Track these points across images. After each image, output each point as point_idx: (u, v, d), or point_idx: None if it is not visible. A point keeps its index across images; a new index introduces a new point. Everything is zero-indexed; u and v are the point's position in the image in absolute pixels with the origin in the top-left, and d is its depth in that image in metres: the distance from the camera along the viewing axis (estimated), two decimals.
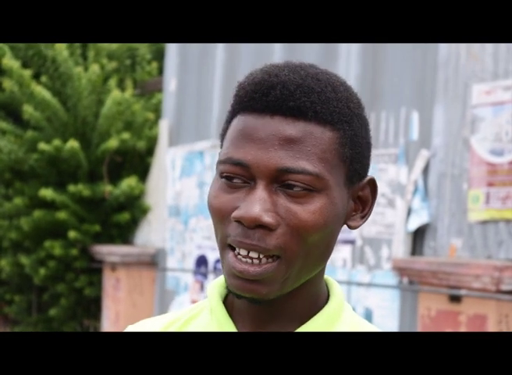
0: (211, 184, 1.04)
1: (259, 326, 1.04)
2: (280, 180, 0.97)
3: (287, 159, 0.96)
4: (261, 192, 0.97)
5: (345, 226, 1.05)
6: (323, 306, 1.06)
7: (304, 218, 0.97)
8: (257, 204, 0.96)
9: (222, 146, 1.05)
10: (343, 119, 1.00)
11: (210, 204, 1.01)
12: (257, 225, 0.96)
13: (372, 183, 1.05)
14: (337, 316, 1.06)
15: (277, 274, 0.97)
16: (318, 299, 1.06)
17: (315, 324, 1.04)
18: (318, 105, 0.98)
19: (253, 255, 0.97)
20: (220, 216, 0.99)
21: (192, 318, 1.12)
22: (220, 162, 1.00)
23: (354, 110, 1.02)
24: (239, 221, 0.97)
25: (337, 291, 1.08)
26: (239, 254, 0.98)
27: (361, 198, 1.05)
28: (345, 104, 1.00)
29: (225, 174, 0.99)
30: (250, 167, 0.97)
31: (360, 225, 1.05)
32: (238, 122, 1.01)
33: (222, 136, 1.05)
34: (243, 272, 0.97)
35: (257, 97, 0.99)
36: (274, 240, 0.96)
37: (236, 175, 0.99)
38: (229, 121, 1.04)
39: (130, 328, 1.16)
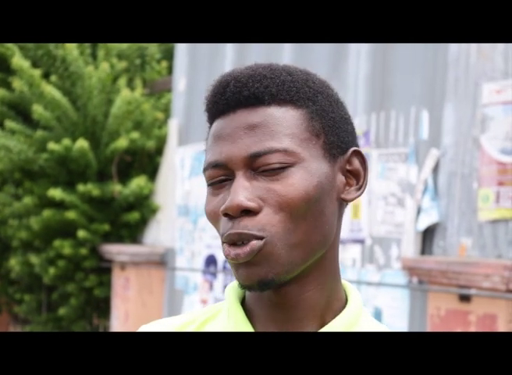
0: None
1: (276, 328, 1.05)
2: (255, 166, 1.00)
3: (254, 144, 1.00)
4: (239, 181, 1.00)
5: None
6: (341, 310, 1.07)
7: (284, 192, 0.99)
8: (238, 191, 0.99)
9: None
10: (303, 97, 1.03)
11: (205, 212, 1.05)
12: (242, 211, 0.99)
13: (359, 155, 1.07)
14: (355, 321, 1.06)
15: (268, 253, 0.99)
16: (335, 302, 1.06)
17: (335, 326, 1.04)
18: (273, 88, 1.02)
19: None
20: (214, 219, 1.04)
21: (209, 319, 1.12)
22: (203, 172, 1.06)
23: (317, 88, 1.05)
24: (226, 214, 1.00)
25: (355, 296, 1.09)
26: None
27: (352, 172, 1.06)
28: (303, 84, 1.04)
29: (210, 181, 1.04)
30: (225, 163, 1.02)
31: (357, 197, 1.07)
32: (211, 130, 1.07)
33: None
34: (237, 257, 0.99)
35: (217, 99, 1.04)
36: (256, 223, 0.99)
37: (219, 176, 1.03)
38: (208, 135, 1.09)
39: (144, 328, 1.15)
